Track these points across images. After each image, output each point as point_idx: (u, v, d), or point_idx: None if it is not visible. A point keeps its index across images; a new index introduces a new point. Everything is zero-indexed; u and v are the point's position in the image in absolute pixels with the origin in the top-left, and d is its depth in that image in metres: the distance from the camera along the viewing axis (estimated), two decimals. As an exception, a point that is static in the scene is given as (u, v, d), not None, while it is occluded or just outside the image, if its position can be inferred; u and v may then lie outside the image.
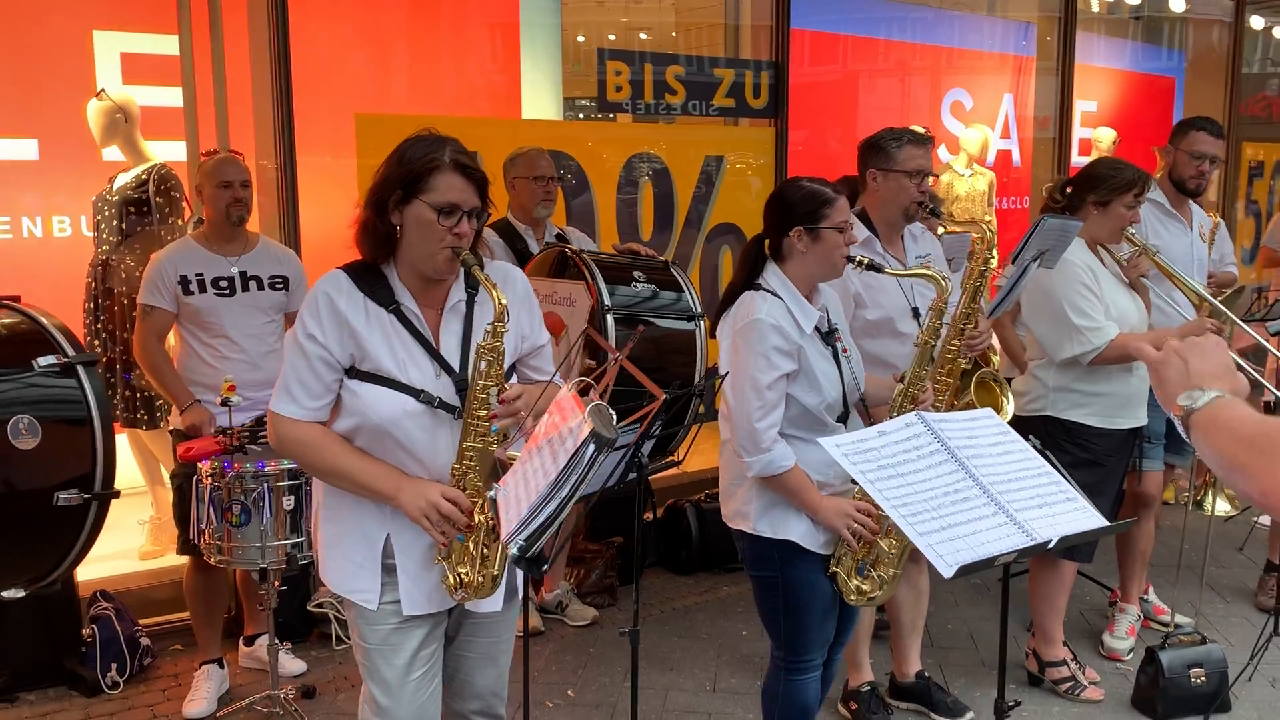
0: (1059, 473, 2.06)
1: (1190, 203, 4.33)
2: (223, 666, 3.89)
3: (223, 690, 3.86)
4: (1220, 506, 5.82)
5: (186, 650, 4.17)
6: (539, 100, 5.93)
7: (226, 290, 3.71)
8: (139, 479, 4.92)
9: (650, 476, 2.34)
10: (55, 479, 3.04)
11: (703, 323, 3.82)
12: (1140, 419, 3.77)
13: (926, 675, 3.78)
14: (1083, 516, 1.97)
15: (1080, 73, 7.65)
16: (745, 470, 2.75)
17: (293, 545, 3.33)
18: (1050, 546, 1.88)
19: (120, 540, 4.61)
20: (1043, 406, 3.73)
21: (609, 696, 3.91)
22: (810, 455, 2.73)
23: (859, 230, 3.39)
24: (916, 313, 3.36)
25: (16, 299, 3.35)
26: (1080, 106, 7.84)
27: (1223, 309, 3.54)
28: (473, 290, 2.39)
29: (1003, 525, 1.85)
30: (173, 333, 3.90)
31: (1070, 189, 3.80)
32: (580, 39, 6.41)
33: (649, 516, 4.98)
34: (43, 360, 2.92)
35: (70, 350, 3.01)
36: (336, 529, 2.42)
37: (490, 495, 2.08)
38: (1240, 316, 3.83)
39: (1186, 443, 4.21)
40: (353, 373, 2.29)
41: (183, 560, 3.84)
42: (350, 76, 5.17)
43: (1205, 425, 1.36)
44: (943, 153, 7.21)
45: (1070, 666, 3.92)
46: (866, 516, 2.73)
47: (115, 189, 4.52)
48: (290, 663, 4.01)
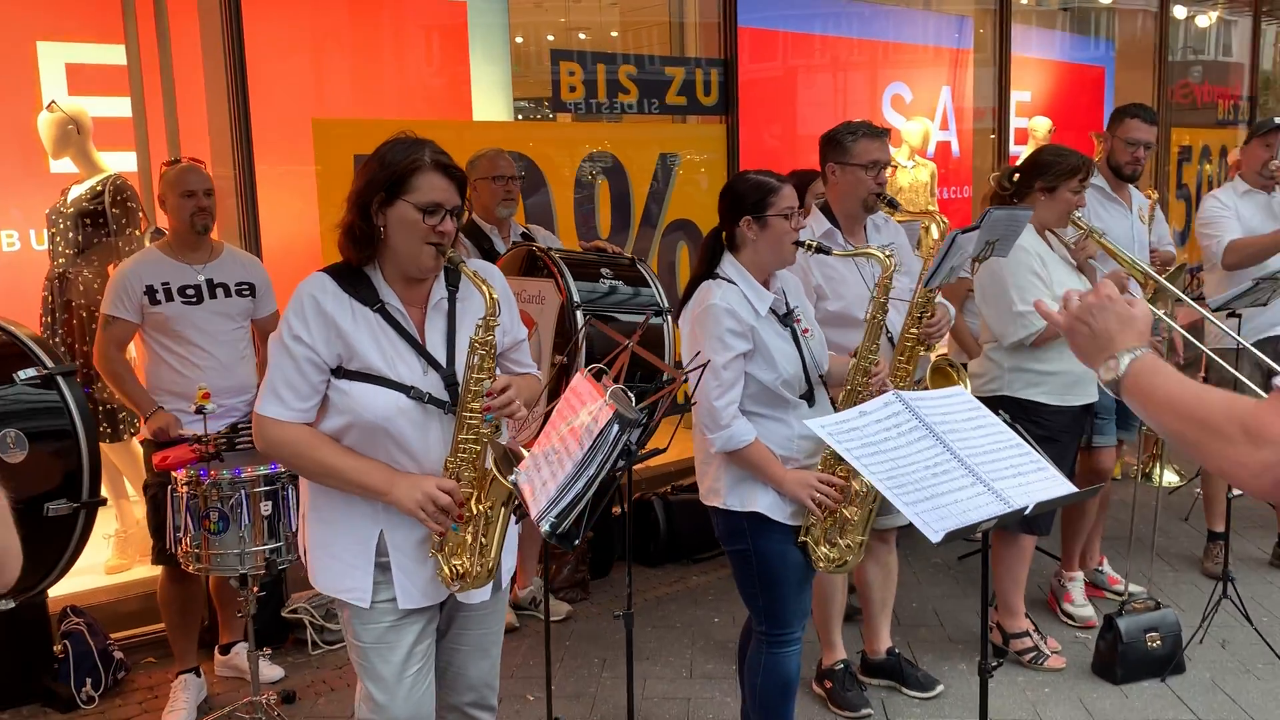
0: (1029, 444, 2.17)
1: (1129, 186, 4.51)
2: (200, 676, 3.88)
3: (201, 699, 3.85)
4: (1168, 478, 6.04)
5: (160, 662, 4.16)
6: (489, 102, 5.96)
7: (194, 298, 3.70)
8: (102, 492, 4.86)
9: (635, 465, 2.42)
10: (44, 490, 3.04)
11: (670, 317, 3.90)
12: (1092, 395, 3.92)
13: (897, 652, 3.89)
14: (1054, 484, 2.08)
15: (1014, 64, 7.86)
16: (709, 446, 2.89)
17: (271, 550, 3.34)
18: (1027, 512, 1.98)
19: (85, 555, 4.53)
20: (999, 387, 3.86)
21: (588, 687, 3.97)
22: (774, 432, 2.90)
23: (820, 223, 3.50)
24: (883, 308, 3.46)
25: (-16, 315, 3.33)
26: (1015, 97, 8.05)
27: (1169, 286, 3.69)
28: (453, 287, 2.45)
29: (982, 494, 1.95)
30: (135, 344, 3.89)
31: (1017, 177, 3.95)
32: (519, 40, 6.44)
33: (616, 511, 5.05)
34: (23, 373, 2.91)
35: (49, 361, 3.00)
36: (326, 530, 2.45)
37: (511, 480, 2.13)
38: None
39: (1134, 416, 4.36)
40: (340, 372, 2.32)
41: (151, 573, 3.83)
42: (305, 82, 5.16)
43: (1136, 392, 1.37)
44: (886, 145, 7.35)
45: (1033, 637, 4.06)
46: (828, 487, 2.87)
47: (69, 201, 4.47)
48: (268, 669, 4.00)
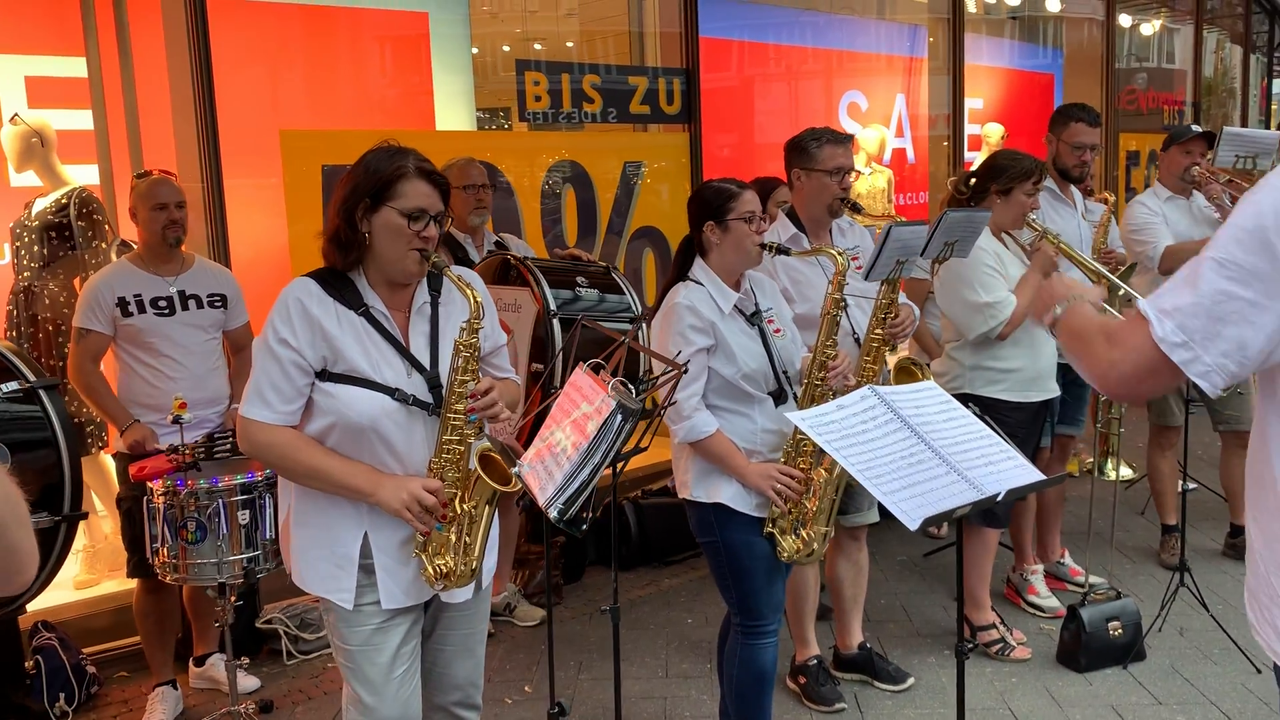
0: (998, 434, 2.26)
1: (1071, 186, 4.65)
2: (176, 688, 3.87)
3: (177, 711, 3.84)
4: (1123, 472, 6.19)
5: (134, 676, 4.14)
6: (452, 111, 6.00)
7: (166, 310, 3.70)
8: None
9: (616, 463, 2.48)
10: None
11: (645, 324, 3.96)
12: (1050, 391, 4.05)
13: (868, 646, 3.97)
14: (1023, 472, 2.17)
15: (966, 72, 8.04)
16: (673, 437, 3.01)
17: (249, 559, 3.35)
18: (999, 498, 2.06)
19: (54, 571, 4.52)
20: (960, 385, 3.97)
21: (565, 689, 4.00)
22: (738, 425, 3.02)
23: (786, 227, 3.59)
24: (842, 304, 3.55)
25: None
26: (968, 104, 8.22)
27: (1121, 284, 3.83)
28: (436, 292, 2.50)
29: (955, 482, 2.03)
30: (107, 357, 3.88)
31: (973, 181, 4.06)
32: (475, 51, 6.48)
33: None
34: (4, 386, 2.90)
35: (30, 374, 3.00)
36: (310, 532, 2.47)
37: (515, 471, 2.17)
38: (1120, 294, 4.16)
39: (1080, 414, 4.49)
40: (325, 375, 2.35)
41: (121, 587, 3.81)
42: (270, 94, 5.17)
43: (1061, 329, 1.81)
44: (844, 152, 7.47)
45: (999, 629, 4.17)
46: (789, 478, 2.97)
47: (34, 214, 4.45)
48: (244, 679, 3.99)
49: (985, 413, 3.88)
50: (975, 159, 7.88)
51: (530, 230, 5.42)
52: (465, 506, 2.34)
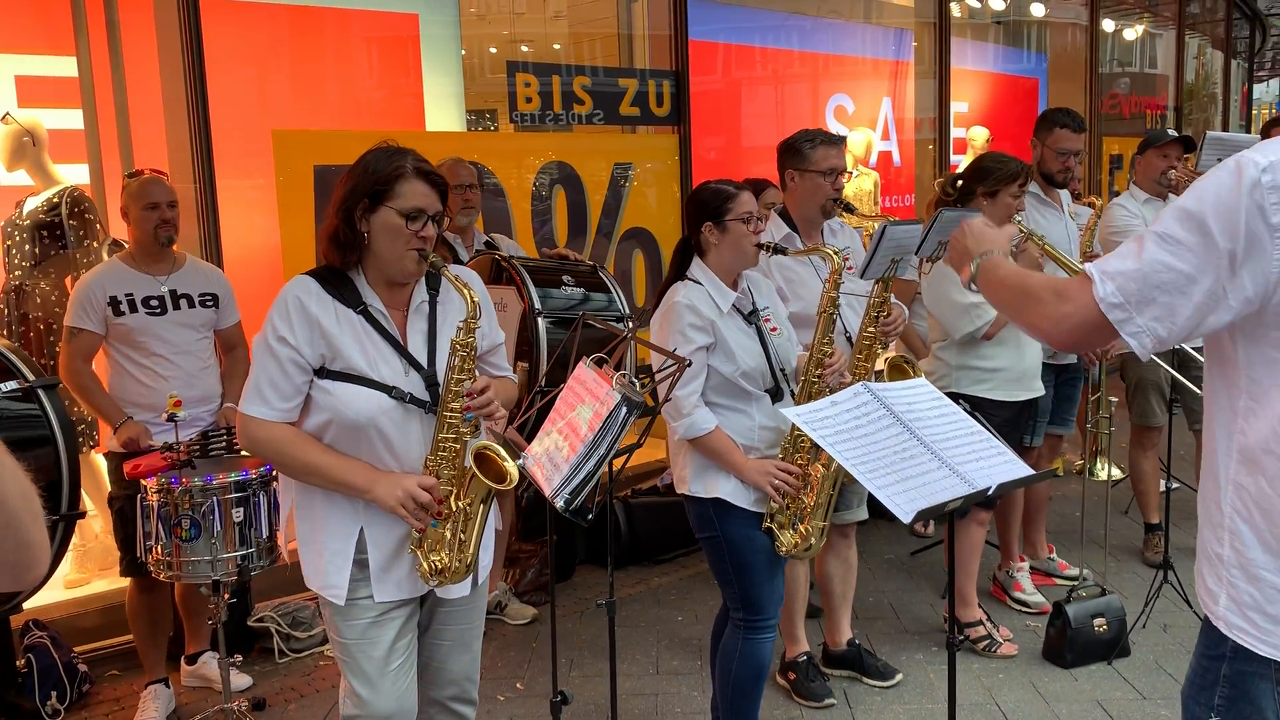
0: (988, 430, 2.30)
1: (1058, 190, 4.70)
2: (169, 686, 3.88)
3: (170, 709, 3.85)
4: (1114, 473, 6.25)
5: (125, 674, 4.14)
6: (442, 112, 6.02)
7: (158, 309, 3.71)
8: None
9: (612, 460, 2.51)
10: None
11: (632, 323, 3.99)
12: (1035, 390, 4.10)
13: (857, 643, 4.01)
14: (1012, 467, 2.21)
15: (951, 76, 8.11)
16: (672, 434, 3.03)
17: (243, 557, 3.36)
18: (990, 492, 2.10)
19: (44, 570, 4.52)
20: (948, 384, 4.01)
21: (559, 686, 4.01)
22: (736, 422, 3.05)
23: (780, 227, 3.63)
24: (834, 302, 3.59)
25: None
26: (953, 107, 8.29)
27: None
28: (434, 291, 2.52)
29: (947, 476, 2.07)
30: (98, 356, 3.88)
31: (960, 182, 4.11)
32: (462, 53, 6.50)
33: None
34: (4, 385, 2.91)
35: (29, 374, 3.00)
36: (309, 526, 2.50)
37: (519, 464, 2.20)
38: None
39: (1070, 414, 4.53)
40: (323, 372, 2.38)
41: (112, 586, 3.81)
42: (261, 94, 5.18)
43: (983, 281, 1.91)
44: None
45: (986, 626, 4.21)
46: (786, 474, 3.00)
47: (25, 213, 4.45)
48: (236, 677, 4.00)
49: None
50: (960, 162, 7.95)
51: (520, 231, 5.44)
52: (460, 504, 2.37)
